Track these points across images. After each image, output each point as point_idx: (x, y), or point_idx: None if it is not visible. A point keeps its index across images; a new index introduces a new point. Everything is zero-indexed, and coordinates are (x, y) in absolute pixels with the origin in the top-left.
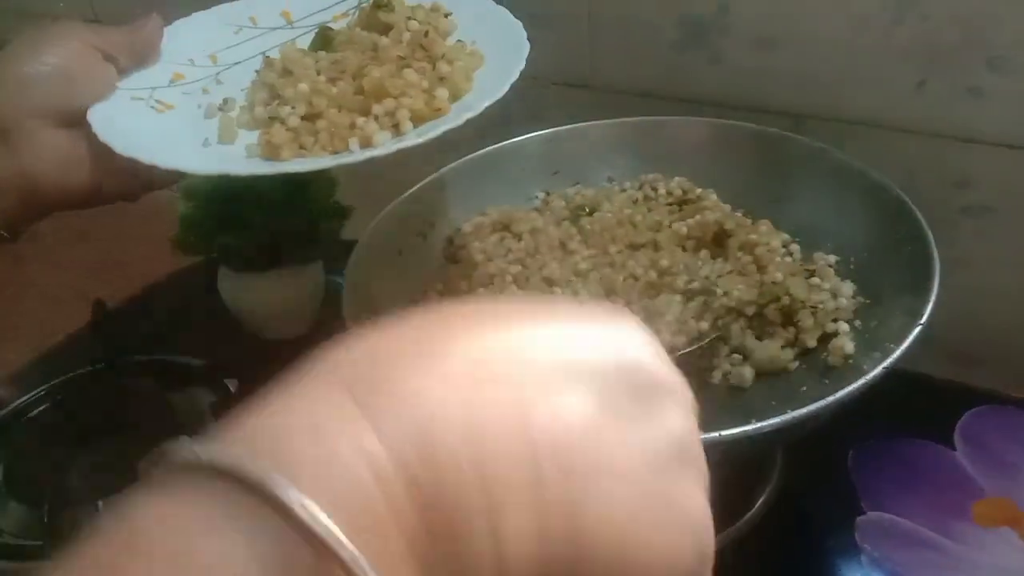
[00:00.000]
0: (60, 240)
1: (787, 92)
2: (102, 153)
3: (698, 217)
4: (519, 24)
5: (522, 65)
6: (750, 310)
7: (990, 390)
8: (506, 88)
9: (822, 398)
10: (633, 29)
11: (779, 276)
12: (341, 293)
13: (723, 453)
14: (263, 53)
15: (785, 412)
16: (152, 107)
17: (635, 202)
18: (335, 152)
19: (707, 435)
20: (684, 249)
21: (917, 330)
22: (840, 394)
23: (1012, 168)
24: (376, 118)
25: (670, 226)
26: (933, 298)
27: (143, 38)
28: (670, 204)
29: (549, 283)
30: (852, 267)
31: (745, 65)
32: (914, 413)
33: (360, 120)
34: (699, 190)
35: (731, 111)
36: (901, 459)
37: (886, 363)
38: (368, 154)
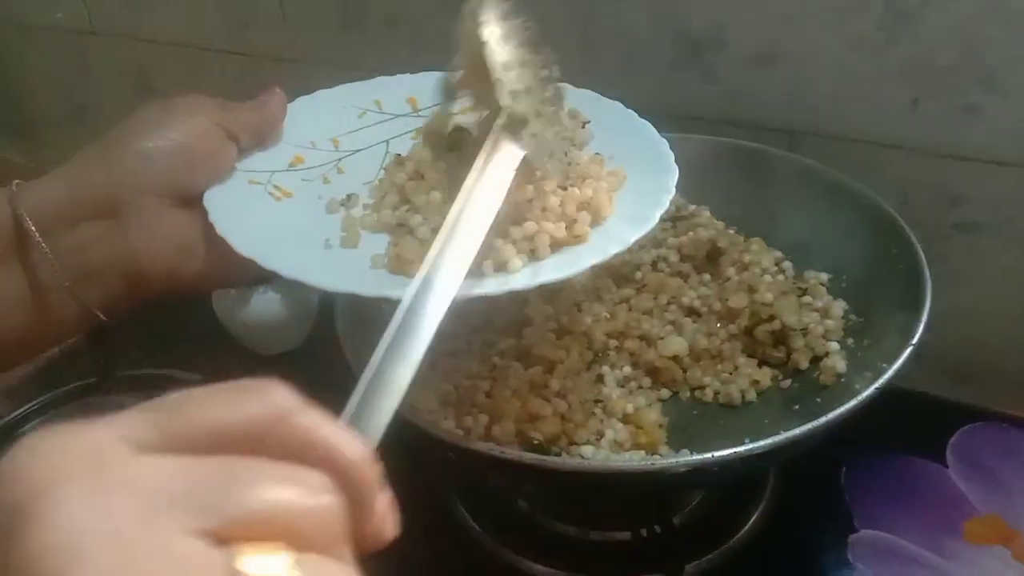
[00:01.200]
0: None
1: (782, 109)
2: (216, 240)
3: (691, 234)
4: (664, 143)
5: (672, 191)
6: (739, 325)
7: (983, 407)
8: (656, 219)
9: (815, 418)
10: (628, 46)
11: (769, 297)
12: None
13: (716, 473)
14: (387, 141)
15: (777, 432)
16: (270, 193)
17: None
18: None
19: (700, 456)
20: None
21: (909, 351)
22: (832, 415)
23: (1005, 186)
24: (514, 242)
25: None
26: (924, 318)
27: (268, 116)
28: (664, 220)
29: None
30: (844, 285)
31: (740, 82)
32: (907, 430)
33: (498, 241)
34: (692, 207)
35: (726, 128)
36: (894, 476)
37: (878, 383)
38: (505, 284)
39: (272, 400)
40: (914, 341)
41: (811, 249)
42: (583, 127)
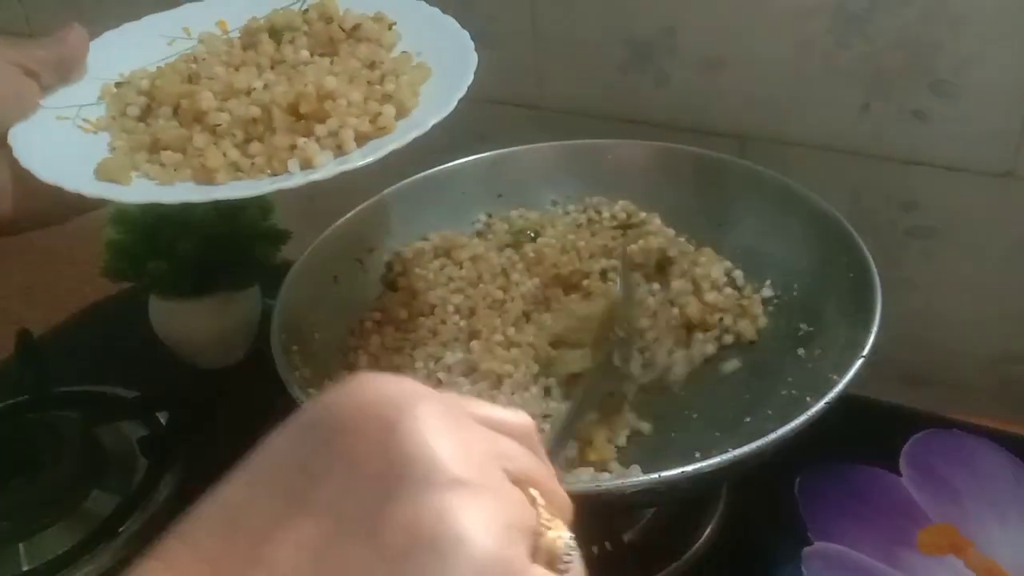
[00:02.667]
0: None
1: (733, 114)
2: (25, 177)
3: (641, 243)
4: (466, 34)
5: (471, 78)
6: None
7: (936, 413)
8: (454, 103)
9: (764, 435)
10: (579, 50)
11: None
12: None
13: (664, 492)
14: None
15: (726, 449)
16: (79, 127)
17: (579, 226)
18: (274, 175)
19: (647, 476)
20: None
21: (859, 363)
22: (781, 431)
23: (955, 191)
24: (318, 139)
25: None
26: (875, 330)
27: (67, 51)
28: (614, 227)
29: (494, 312)
30: (796, 293)
31: (691, 87)
32: (860, 437)
33: (301, 140)
34: (643, 214)
35: (677, 133)
36: (847, 486)
37: (828, 398)
38: (310, 177)
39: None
40: (864, 354)
41: (762, 256)
42: (390, 29)
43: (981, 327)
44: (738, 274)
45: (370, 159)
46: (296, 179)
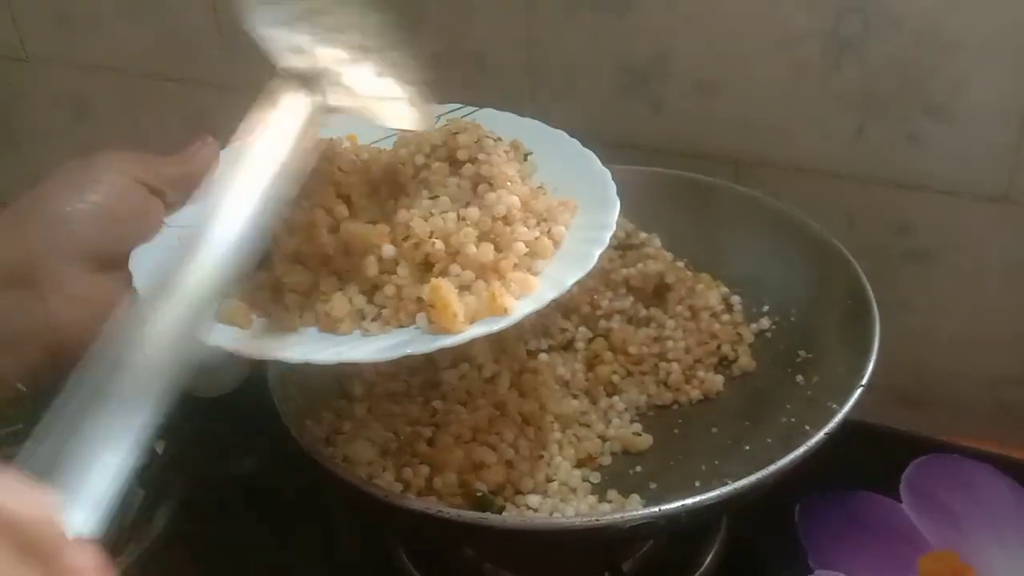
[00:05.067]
0: None
1: (727, 138)
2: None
3: (640, 266)
4: (607, 172)
5: (612, 226)
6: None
7: (936, 438)
8: (595, 260)
9: (764, 466)
10: (574, 75)
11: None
12: None
13: (663, 525)
14: None
15: (724, 482)
16: None
17: None
18: (400, 327)
19: (646, 509)
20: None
21: (859, 392)
22: (781, 463)
23: (950, 214)
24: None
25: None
26: (874, 357)
27: (196, 169)
28: (614, 248)
29: None
30: (793, 319)
31: (685, 112)
32: (860, 462)
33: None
34: (643, 235)
35: (672, 158)
36: (848, 512)
37: (828, 428)
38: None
39: None
40: (864, 382)
41: (760, 282)
42: (525, 159)
43: (978, 349)
44: (735, 300)
45: (515, 320)
46: (427, 343)
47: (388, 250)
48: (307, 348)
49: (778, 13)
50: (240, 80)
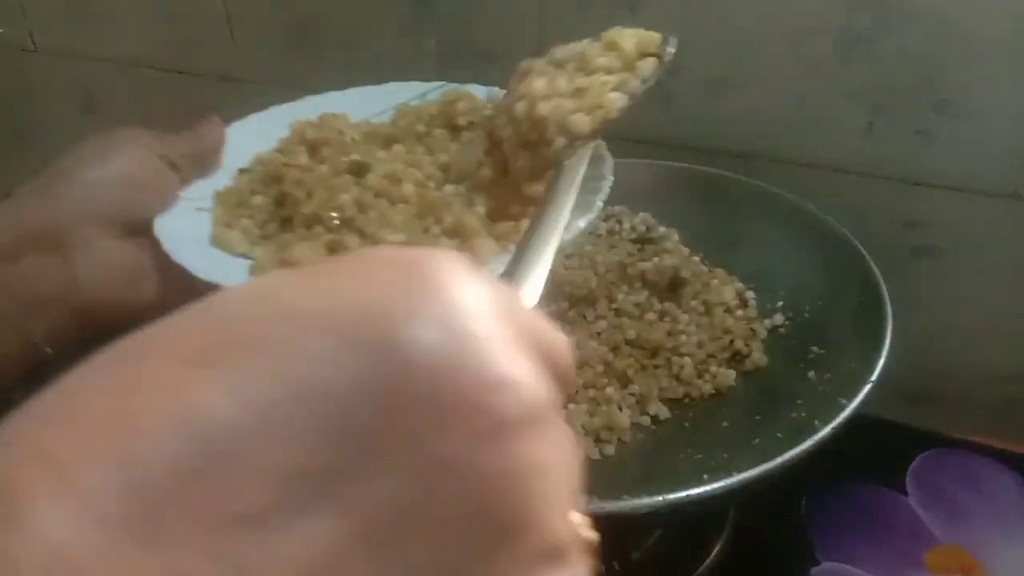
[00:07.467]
0: None
1: (737, 134)
2: (169, 268)
3: (656, 260)
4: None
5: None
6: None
7: (943, 433)
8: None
9: (771, 458)
10: None
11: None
12: None
13: (669, 515)
14: None
15: (731, 473)
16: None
17: (599, 236)
18: None
19: (653, 499)
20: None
21: (868, 387)
22: (789, 455)
23: (960, 211)
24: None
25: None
26: (885, 353)
27: (206, 145)
28: (632, 240)
29: None
30: (807, 315)
31: (696, 107)
32: (868, 456)
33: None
34: (662, 229)
35: (682, 152)
36: (854, 505)
37: (836, 422)
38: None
39: None
40: (874, 378)
41: (774, 277)
42: None
43: (986, 345)
44: (750, 295)
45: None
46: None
47: None
48: None
49: (790, 8)
50: (249, 72)
